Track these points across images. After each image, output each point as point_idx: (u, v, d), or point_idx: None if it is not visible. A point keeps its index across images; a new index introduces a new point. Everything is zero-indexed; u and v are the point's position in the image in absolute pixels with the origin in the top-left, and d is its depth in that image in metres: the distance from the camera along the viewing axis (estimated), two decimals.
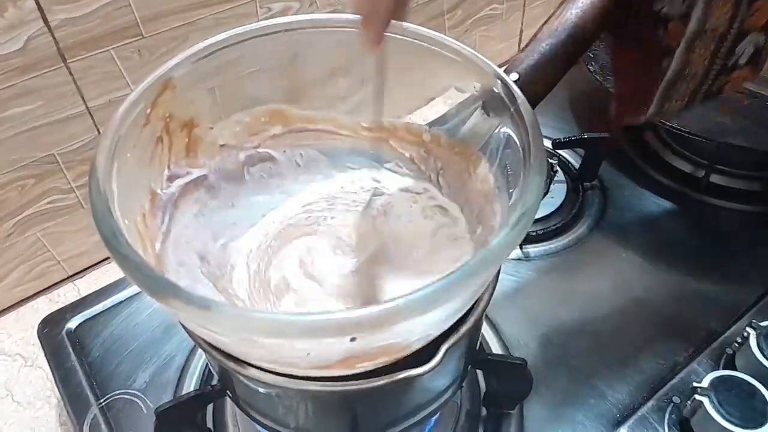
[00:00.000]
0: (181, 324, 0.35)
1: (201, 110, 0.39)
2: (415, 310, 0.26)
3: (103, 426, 0.51)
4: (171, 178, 0.38)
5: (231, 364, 0.33)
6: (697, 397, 0.46)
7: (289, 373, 0.32)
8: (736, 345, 0.52)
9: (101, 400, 0.52)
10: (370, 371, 0.32)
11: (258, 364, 0.32)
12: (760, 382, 0.47)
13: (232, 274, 0.40)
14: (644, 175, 0.71)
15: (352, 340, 0.27)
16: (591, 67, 0.70)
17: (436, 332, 0.33)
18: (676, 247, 0.63)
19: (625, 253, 0.63)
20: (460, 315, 0.34)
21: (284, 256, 0.41)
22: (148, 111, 0.34)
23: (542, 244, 0.64)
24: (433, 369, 0.32)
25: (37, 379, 0.60)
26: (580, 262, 0.62)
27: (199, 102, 0.38)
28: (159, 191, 0.36)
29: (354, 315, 0.25)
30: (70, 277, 0.70)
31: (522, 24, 0.96)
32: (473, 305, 0.35)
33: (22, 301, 0.67)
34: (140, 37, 0.59)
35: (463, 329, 0.35)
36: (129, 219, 0.32)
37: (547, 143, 0.69)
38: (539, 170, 0.32)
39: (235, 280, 0.40)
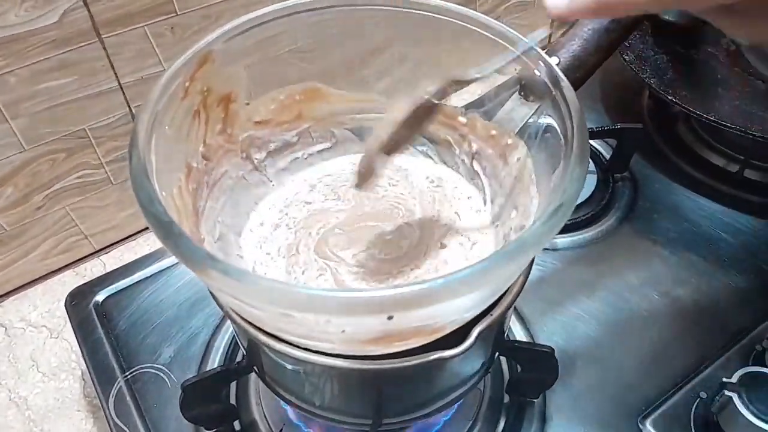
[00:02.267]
0: (213, 297, 0.35)
1: (238, 86, 0.39)
2: (452, 291, 0.26)
3: (128, 398, 0.51)
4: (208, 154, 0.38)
5: (263, 338, 0.33)
6: (726, 392, 0.46)
7: (322, 350, 0.32)
8: (767, 341, 0.51)
9: (127, 373, 0.52)
10: (403, 351, 0.32)
11: (290, 339, 0.32)
12: None
13: (264, 247, 0.40)
14: (676, 169, 0.70)
15: (389, 318, 0.27)
16: (626, 57, 0.69)
17: (469, 315, 0.33)
18: (707, 242, 0.62)
19: (655, 246, 0.62)
20: (493, 300, 0.34)
21: (316, 235, 0.41)
22: (187, 84, 0.34)
23: (570, 234, 0.63)
24: (464, 352, 0.32)
25: (62, 351, 0.61)
26: (608, 254, 0.62)
27: (237, 77, 0.38)
28: (195, 165, 0.36)
29: (393, 293, 0.25)
30: (97, 252, 0.71)
31: None
32: (506, 291, 0.35)
33: (49, 274, 0.68)
34: (174, 14, 0.59)
35: (496, 314, 0.34)
36: (166, 191, 0.32)
37: None
38: (581, 159, 0.31)
39: (266, 256, 0.40)
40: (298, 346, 0.33)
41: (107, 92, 0.60)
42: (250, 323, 0.33)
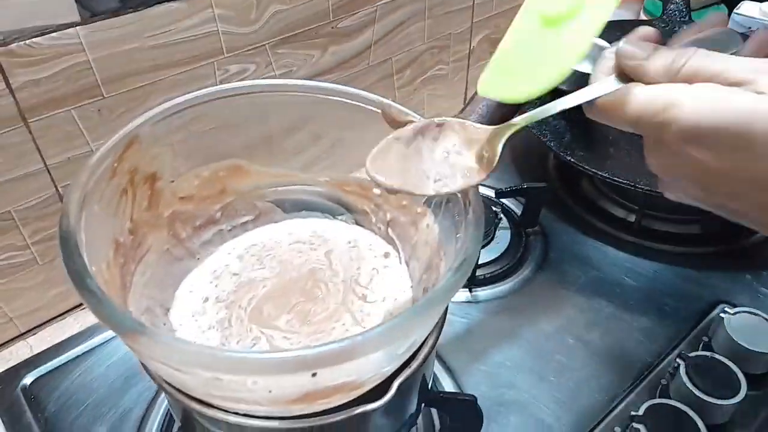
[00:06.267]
0: (144, 368, 0.36)
1: (163, 165, 0.41)
2: (370, 346, 0.29)
3: None
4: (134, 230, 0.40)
5: (195, 406, 0.34)
6: (634, 425, 0.50)
7: (251, 413, 0.34)
8: (669, 375, 0.56)
9: None
10: (328, 409, 0.35)
11: (221, 405, 0.34)
12: (691, 408, 0.50)
13: (196, 321, 0.42)
14: (582, 221, 0.76)
15: (314, 375, 0.29)
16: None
17: (388, 370, 0.36)
18: (614, 287, 0.68)
19: (567, 293, 0.67)
20: (410, 354, 0.37)
21: (247, 306, 0.43)
22: (115, 165, 0.37)
23: (490, 287, 0.67)
24: (386, 404, 0.35)
25: None
26: (525, 303, 0.66)
27: (162, 157, 0.41)
28: (122, 240, 0.38)
29: (315, 351, 0.28)
30: (23, 334, 0.69)
31: (467, 83, 1.03)
32: (422, 344, 0.38)
33: None
34: (101, 97, 0.61)
35: (414, 365, 0.37)
36: (95, 266, 0.33)
37: (491, 192, 0.74)
38: (478, 223, 0.36)
39: (198, 327, 0.41)
40: (228, 411, 0.34)
41: (33, 174, 0.60)
42: (182, 392, 0.34)
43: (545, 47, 0.35)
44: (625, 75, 0.34)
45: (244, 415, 0.34)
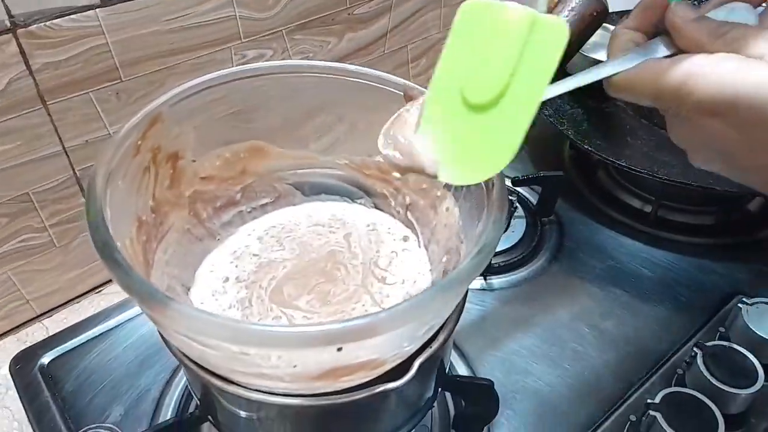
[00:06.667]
0: (166, 344, 0.36)
1: (185, 144, 0.41)
2: (394, 322, 0.29)
3: None
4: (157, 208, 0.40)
5: (217, 383, 0.34)
6: (650, 412, 0.49)
7: (272, 390, 0.34)
8: (685, 364, 0.56)
9: None
10: (349, 387, 0.35)
11: (243, 381, 0.34)
12: (708, 397, 0.50)
13: (217, 300, 0.42)
14: (598, 211, 0.76)
15: (339, 350, 0.29)
16: (546, 112, 0.75)
17: (410, 349, 0.36)
18: (629, 277, 0.67)
19: (582, 283, 0.67)
20: (431, 333, 0.37)
21: (268, 287, 0.43)
22: (139, 142, 0.37)
23: (505, 275, 0.67)
24: (407, 383, 0.35)
25: (3, 419, 0.59)
26: (540, 292, 0.66)
27: (185, 136, 0.41)
28: (145, 218, 0.38)
29: (342, 326, 0.28)
30: (39, 316, 0.70)
31: None
32: (443, 325, 0.38)
33: None
34: (119, 80, 0.61)
35: (435, 346, 0.37)
36: (120, 242, 0.33)
37: (506, 181, 0.73)
38: (501, 207, 0.36)
39: (219, 306, 0.42)
40: (250, 388, 0.34)
41: (51, 156, 0.61)
42: (204, 368, 0.35)
43: (479, 132, 0.33)
44: (667, 35, 0.34)
45: (267, 392, 0.34)
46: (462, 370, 0.58)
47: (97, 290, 0.71)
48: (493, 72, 0.31)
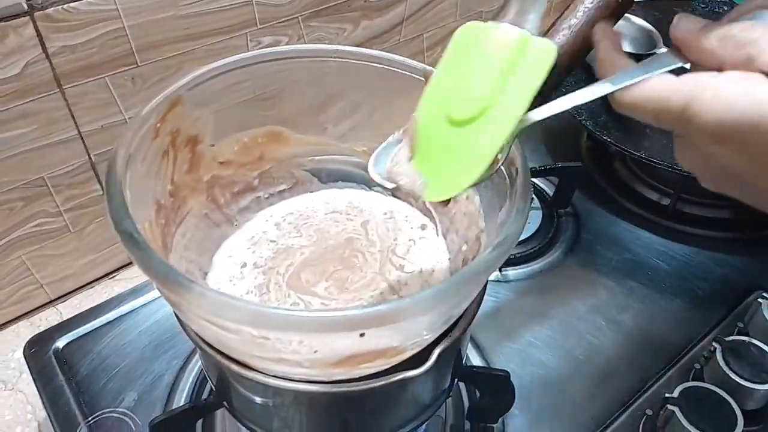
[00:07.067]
0: (183, 327, 0.36)
1: (205, 128, 0.41)
2: (416, 309, 0.29)
3: None
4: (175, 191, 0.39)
5: (234, 368, 0.34)
6: (668, 407, 0.49)
7: (291, 376, 0.34)
8: (704, 359, 0.55)
9: (89, 419, 0.52)
10: (368, 375, 0.34)
11: (261, 367, 0.34)
12: (727, 392, 0.50)
13: (234, 285, 0.42)
14: (615, 203, 0.75)
15: (361, 335, 0.29)
16: None
17: (429, 337, 0.35)
18: (646, 270, 0.67)
19: (599, 275, 0.66)
20: (450, 323, 0.37)
21: (285, 273, 0.43)
22: (158, 125, 0.36)
23: (520, 266, 0.67)
24: (427, 371, 0.34)
25: (17, 403, 0.59)
26: (556, 284, 0.65)
27: (204, 120, 0.41)
28: (163, 202, 0.38)
29: (364, 311, 0.27)
30: (52, 301, 0.70)
31: None
32: (462, 315, 0.38)
33: (2, 325, 0.67)
34: (135, 65, 0.61)
35: (455, 335, 0.37)
36: (139, 225, 0.33)
37: None
38: (525, 197, 0.35)
39: (236, 292, 0.41)
40: (267, 374, 0.34)
41: (67, 141, 0.61)
42: (221, 353, 0.34)
43: (458, 147, 0.33)
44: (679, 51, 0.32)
45: (284, 378, 0.34)
46: (476, 360, 0.57)
47: (110, 276, 0.71)
48: (478, 88, 0.32)
